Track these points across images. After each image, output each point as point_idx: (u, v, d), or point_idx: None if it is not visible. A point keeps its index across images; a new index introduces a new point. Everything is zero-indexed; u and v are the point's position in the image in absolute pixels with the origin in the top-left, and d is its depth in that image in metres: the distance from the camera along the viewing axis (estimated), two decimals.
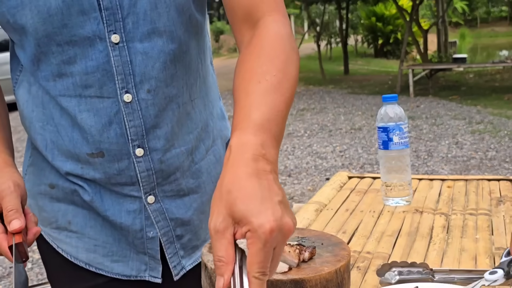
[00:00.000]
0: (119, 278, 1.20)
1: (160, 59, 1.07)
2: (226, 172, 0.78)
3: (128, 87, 1.06)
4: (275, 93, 0.90)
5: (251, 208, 0.73)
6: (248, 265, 0.73)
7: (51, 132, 1.12)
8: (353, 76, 17.25)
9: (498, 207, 1.90)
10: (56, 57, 1.04)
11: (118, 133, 1.09)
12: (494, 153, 7.08)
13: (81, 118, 1.07)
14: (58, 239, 1.20)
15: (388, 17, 25.13)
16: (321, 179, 6.29)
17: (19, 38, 1.06)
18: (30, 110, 1.14)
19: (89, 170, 1.12)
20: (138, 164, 1.12)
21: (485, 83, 14.14)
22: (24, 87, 1.14)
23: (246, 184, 0.75)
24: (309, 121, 9.99)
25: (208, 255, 1.20)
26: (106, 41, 1.03)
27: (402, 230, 1.72)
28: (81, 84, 1.05)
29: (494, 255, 1.54)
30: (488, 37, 36.33)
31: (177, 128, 1.14)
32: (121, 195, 1.14)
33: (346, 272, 1.18)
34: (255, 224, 0.72)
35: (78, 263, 1.19)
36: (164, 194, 1.17)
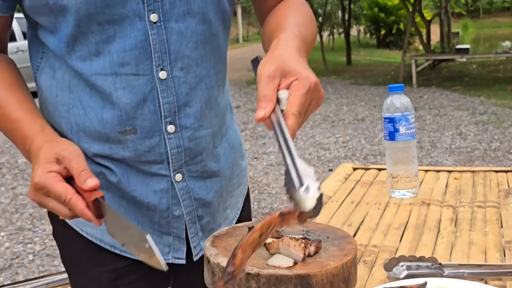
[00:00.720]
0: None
1: (192, 39, 1.13)
2: (275, 49, 0.98)
3: (164, 65, 1.11)
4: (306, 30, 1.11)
5: (300, 66, 0.93)
6: (288, 106, 0.90)
7: (77, 115, 1.14)
8: (356, 67, 17.20)
9: (507, 199, 1.86)
10: (95, 36, 1.08)
11: (151, 110, 1.13)
12: (498, 144, 7.05)
13: (116, 95, 1.10)
14: (81, 222, 1.20)
15: (390, 8, 25.06)
16: (324, 170, 6.26)
17: (54, 20, 1.08)
18: (54, 95, 1.16)
19: (118, 150, 1.15)
20: (169, 141, 1.16)
21: (488, 74, 14.09)
22: (46, 73, 1.16)
23: (294, 55, 0.97)
24: None
25: (211, 249, 1.17)
26: (145, 20, 1.08)
27: (409, 222, 1.69)
28: (118, 62, 1.09)
29: (504, 249, 1.50)
30: (491, 27, 36.26)
31: (206, 110, 1.19)
32: (148, 175, 1.17)
33: (353, 266, 1.15)
34: (303, 75, 0.92)
35: (103, 246, 1.21)
36: (190, 174, 1.21)
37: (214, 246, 1.19)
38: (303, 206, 0.80)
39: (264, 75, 0.92)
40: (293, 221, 0.83)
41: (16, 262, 4.22)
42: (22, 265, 4.16)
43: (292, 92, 0.91)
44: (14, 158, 7.42)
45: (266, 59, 0.96)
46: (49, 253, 4.32)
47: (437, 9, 20.99)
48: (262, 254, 1.14)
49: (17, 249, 4.45)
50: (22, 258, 4.28)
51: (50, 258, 4.24)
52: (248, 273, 1.07)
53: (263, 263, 1.10)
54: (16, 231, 4.84)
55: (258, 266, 1.08)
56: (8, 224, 5.00)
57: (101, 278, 1.23)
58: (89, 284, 1.25)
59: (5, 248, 4.49)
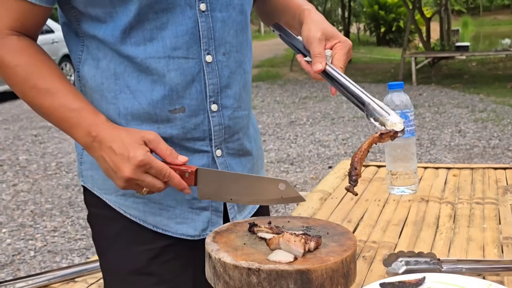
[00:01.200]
0: (184, 238, 1.31)
1: (233, 27, 1.27)
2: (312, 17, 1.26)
3: (210, 49, 1.24)
4: None
5: (337, 32, 1.24)
6: (336, 61, 1.20)
7: (125, 100, 1.23)
8: (356, 65, 17.18)
9: (505, 196, 1.88)
10: (151, 23, 1.19)
11: (198, 90, 1.24)
12: (497, 142, 7.06)
13: (169, 76, 1.21)
14: (125, 205, 1.29)
15: (390, 5, 25.01)
16: (323, 167, 6.27)
17: (110, 10, 1.17)
18: (99, 83, 1.24)
19: (166, 129, 1.24)
20: (212, 119, 1.27)
21: (488, 71, 14.08)
22: (89, 64, 1.24)
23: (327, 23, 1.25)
24: (312, 109, 9.96)
25: (212, 244, 1.18)
26: (195, 9, 1.20)
27: (408, 219, 1.71)
28: (170, 47, 1.20)
29: (502, 245, 1.52)
30: (491, 25, 36.17)
31: (243, 93, 1.32)
32: (191, 151, 1.26)
33: (352, 262, 1.16)
34: (343, 38, 1.23)
35: (147, 226, 1.29)
36: (227, 151, 1.32)
37: (215, 242, 1.20)
38: (397, 127, 1.11)
39: (314, 37, 1.21)
40: (388, 139, 1.12)
41: (17, 258, 4.23)
42: (23, 261, 4.17)
43: (337, 51, 1.21)
44: (15, 155, 7.44)
45: (310, 26, 1.24)
46: (51, 250, 4.34)
47: (437, 6, 20.97)
48: (263, 250, 1.15)
49: (18, 245, 4.47)
50: (24, 254, 4.29)
51: (51, 254, 4.26)
52: (249, 268, 1.08)
53: (264, 258, 1.11)
54: (18, 227, 4.85)
55: (258, 261, 1.09)
56: (10, 221, 5.01)
57: (139, 257, 1.30)
58: (125, 262, 1.31)
59: (7, 245, 4.50)
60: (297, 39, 1.30)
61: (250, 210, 1.41)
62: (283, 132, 8.13)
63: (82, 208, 5.24)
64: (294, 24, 1.34)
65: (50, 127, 9.04)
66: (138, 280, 1.31)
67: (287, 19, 1.37)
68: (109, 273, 1.36)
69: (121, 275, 1.32)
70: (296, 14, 1.32)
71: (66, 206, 5.34)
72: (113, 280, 1.35)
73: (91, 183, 1.32)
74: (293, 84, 13.06)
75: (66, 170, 6.59)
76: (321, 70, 1.19)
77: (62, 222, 4.92)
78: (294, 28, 1.34)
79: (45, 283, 2.19)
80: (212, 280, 1.16)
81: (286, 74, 14.60)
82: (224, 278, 1.12)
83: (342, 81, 1.19)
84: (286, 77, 14.16)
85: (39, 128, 9.11)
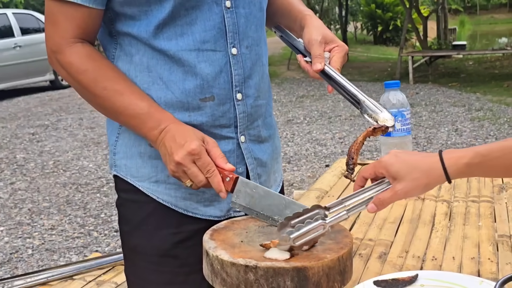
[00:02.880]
0: (211, 219, 1.40)
1: (254, 23, 1.38)
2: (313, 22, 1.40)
3: (235, 43, 1.34)
4: None
5: (335, 37, 1.37)
6: (333, 63, 1.32)
7: (158, 90, 1.33)
8: (353, 63, 17.19)
9: (501, 194, 1.89)
10: (182, 20, 1.29)
11: (225, 80, 1.34)
12: (493, 140, 7.07)
13: (199, 67, 1.31)
14: (157, 191, 1.38)
15: (387, 4, 25.01)
16: (320, 166, 6.28)
17: (146, 9, 1.27)
18: (133, 76, 1.34)
19: (196, 116, 1.34)
20: (238, 107, 1.37)
21: (485, 70, 14.10)
22: (123, 60, 1.34)
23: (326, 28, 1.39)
24: (309, 108, 9.97)
25: (210, 242, 1.19)
26: (222, 5, 1.31)
27: (404, 217, 1.72)
28: (200, 40, 1.30)
29: (497, 242, 1.53)
30: (488, 24, 36.21)
31: (262, 83, 1.42)
32: (218, 138, 1.35)
33: (349, 259, 1.17)
34: (340, 43, 1.36)
35: (177, 209, 1.38)
36: (249, 138, 1.41)
37: (213, 239, 1.21)
38: (388, 123, 1.24)
39: (315, 40, 1.34)
40: (380, 133, 1.24)
41: (15, 256, 4.23)
42: (21, 259, 4.17)
43: (335, 54, 1.34)
44: (12, 154, 7.44)
45: (311, 30, 1.37)
46: (48, 248, 4.34)
47: (434, 5, 21.00)
48: (260, 248, 1.16)
49: (16, 243, 4.47)
50: (21, 252, 4.29)
51: (49, 252, 4.26)
52: (246, 266, 1.09)
53: (261, 255, 1.12)
54: (15, 225, 4.85)
55: (256, 258, 1.11)
56: (7, 219, 5.02)
57: (166, 240, 1.39)
58: (152, 243, 1.40)
59: (5, 243, 4.50)
60: (298, 40, 1.41)
61: None
62: (280, 131, 8.13)
63: (79, 206, 5.25)
64: (295, 27, 1.45)
65: (47, 126, 9.04)
66: (163, 261, 1.40)
67: (288, 23, 1.48)
68: (134, 254, 1.44)
69: (147, 255, 1.41)
70: (298, 19, 1.44)
71: (64, 204, 5.34)
72: (138, 260, 1.44)
73: (125, 171, 1.41)
74: (290, 82, 13.07)
75: (63, 168, 6.59)
76: (320, 70, 1.31)
77: (59, 220, 4.93)
78: (294, 31, 1.46)
79: (43, 281, 2.20)
80: (210, 277, 1.17)
81: (283, 73, 14.61)
82: (222, 275, 1.13)
83: (339, 80, 1.30)
84: (283, 76, 14.17)
85: (36, 126, 9.10)
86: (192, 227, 1.39)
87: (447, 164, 1.10)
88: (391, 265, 1.44)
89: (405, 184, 1.11)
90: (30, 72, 12.78)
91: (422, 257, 1.49)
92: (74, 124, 9.11)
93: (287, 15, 1.49)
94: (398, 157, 1.14)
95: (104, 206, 5.20)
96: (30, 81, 13.01)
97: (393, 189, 1.13)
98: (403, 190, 1.12)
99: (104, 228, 4.66)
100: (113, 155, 1.43)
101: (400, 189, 1.12)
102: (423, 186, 1.11)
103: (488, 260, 1.43)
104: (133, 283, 1.48)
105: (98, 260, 2.32)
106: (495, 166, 1.09)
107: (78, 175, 6.29)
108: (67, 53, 1.29)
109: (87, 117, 9.60)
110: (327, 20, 24.05)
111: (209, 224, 1.37)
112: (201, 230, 1.35)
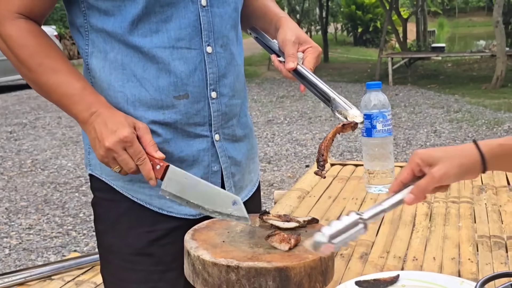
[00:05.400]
0: (186, 218, 1.39)
1: (229, 23, 1.39)
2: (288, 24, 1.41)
3: (210, 41, 1.35)
4: None
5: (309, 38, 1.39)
6: (305, 63, 1.34)
7: (132, 87, 1.33)
8: (333, 64, 17.25)
9: (480, 195, 1.91)
10: (157, 16, 1.29)
11: (200, 78, 1.35)
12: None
13: (174, 65, 1.32)
14: (132, 189, 1.38)
15: (367, 6, 25.12)
16: (300, 166, 6.29)
17: (119, 4, 1.27)
18: (107, 73, 1.34)
19: (170, 114, 1.34)
20: (212, 105, 1.37)
21: (463, 72, 14.23)
22: (96, 57, 1.34)
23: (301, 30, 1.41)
24: (289, 108, 9.98)
25: (191, 242, 1.19)
26: (197, 4, 1.32)
27: (385, 217, 1.72)
28: (174, 38, 1.31)
29: (477, 243, 1.54)
30: (466, 26, 36.54)
31: (236, 83, 1.43)
32: (193, 136, 1.37)
33: (330, 259, 1.17)
34: (314, 45, 1.38)
35: (152, 208, 1.39)
36: (224, 136, 1.42)
37: (194, 239, 1.21)
38: (357, 119, 1.25)
39: (289, 40, 1.35)
40: (349, 129, 1.24)
41: None
42: None
43: (308, 55, 1.35)
44: None
45: (286, 30, 1.38)
46: (26, 247, 4.29)
47: (414, 7, 21.14)
48: (242, 247, 1.16)
49: None
50: None
51: (26, 252, 4.21)
52: (228, 266, 1.09)
53: (243, 255, 1.12)
54: None
55: (237, 258, 1.10)
56: None
57: (140, 238, 1.39)
58: (127, 242, 1.40)
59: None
60: (273, 41, 1.42)
61: (247, 192, 1.51)
62: (260, 131, 8.13)
63: (57, 205, 5.20)
64: (270, 29, 1.47)
65: (25, 124, 8.95)
66: (138, 260, 1.40)
67: (264, 25, 1.50)
68: (109, 253, 1.44)
69: (122, 254, 1.41)
70: (273, 21, 1.46)
71: (42, 203, 5.29)
72: (113, 259, 1.43)
73: (99, 170, 1.41)
74: (270, 83, 13.08)
75: (41, 167, 6.53)
76: (293, 68, 1.33)
77: (37, 219, 4.88)
78: (269, 33, 1.47)
79: (21, 281, 2.17)
80: (191, 278, 1.16)
81: (263, 73, 14.61)
82: (203, 275, 1.12)
83: (311, 79, 1.33)
84: (264, 76, 14.17)
85: (14, 125, 9.01)
86: (167, 225, 1.40)
87: (480, 144, 1.09)
88: (373, 265, 1.45)
89: (441, 165, 1.09)
90: (8, 70, 12.60)
91: (403, 257, 1.49)
92: (52, 123, 9.03)
93: (263, 17, 1.51)
94: (432, 148, 1.13)
95: (83, 205, 5.15)
96: (7, 79, 12.87)
97: (430, 174, 1.09)
98: (439, 172, 1.08)
99: (83, 228, 4.62)
100: (88, 154, 1.43)
101: (436, 171, 1.08)
102: (458, 166, 1.09)
103: (468, 261, 1.44)
104: (109, 283, 1.48)
105: (77, 260, 2.30)
106: None
107: (56, 174, 6.23)
108: (7, 26, 1.27)
109: (66, 116, 9.49)
110: (308, 21, 24.10)
111: (185, 222, 1.38)
112: (177, 228, 1.38)
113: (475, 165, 1.09)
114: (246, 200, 1.49)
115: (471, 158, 1.09)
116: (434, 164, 1.09)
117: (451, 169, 1.09)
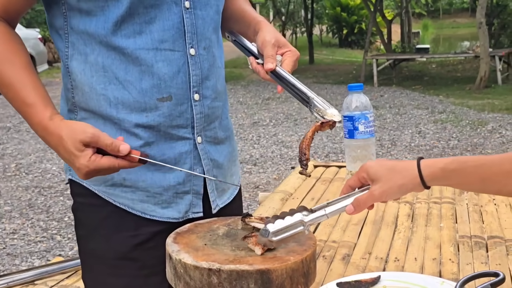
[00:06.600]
0: (170, 221, 1.39)
1: (211, 25, 1.39)
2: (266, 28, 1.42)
3: (193, 43, 1.35)
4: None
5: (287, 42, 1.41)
6: (284, 66, 1.35)
7: (115, 90, 1.32)
8: (318, 66, 17.29)
9: (462, 196, 1.92)
10: (140, 18, 1.29)
11: (183, 80, 1.35)
12: (456, 142, 7.19)
13: (157, 67, 1.32)
14: (114, 194, 1.38)
15: (352, 7, 25.22)
16: (286, 168, 6.30)
17: (102, 4, 1.27)
18: (88, 76, 1.32)
19: (154, 117, 1.34)
20: (195, 107, 1.37)
21: (447, 73, 14.32)
22: (77, 59, 1.33)
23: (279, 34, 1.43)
24: (274, 110, 9.99)
25: (173, 245, 1.19)
26: (181, 6, 1.32)
27: (367, 219, 1.73)
28: (158, 39, 1.31)
29: (458, 243, 1.55)
30: (450, 28, 36.77)
31: (218, 85, 1.43)
32: (175, 139, 1.37)
33: (312, 261, 1.17)
34: (292, 48, 1.40)
35: (135, 212, 1.38)
36: (206, 139, 1.42)
37: (176, 243, 1.20)
38: (335, 118, 1.29)
39: (268, 42, 1.36)
40: (327, 128, 1.28)
41: None
42: None
43: (287, 58, 1.36)
44: None
45: (265, 33, 1.39)
46: (10, 252, 4.26)
47: (398, 9, 21.24)
48: (224, 250, 1.16)
49: None
50: None
51: (10, 257, 4.18)
52: (209, 269, 1.09)
53: (225, 258, 1.12)
54: None
55: (219, 261, 1.10)
56: None
57: (124, 243, 1.38)
58: (110, 247, 1.39)
59: None
60: (251, 44, 1.44)
61: (228, 195, 1.51)
62: (246, 133, 8.14)
63: (42, 210, 5.17)
64: (248, 32, 1.48)
65: (9, 128, 8.88)
66: (122, 264, 1.39)
67: (242, 28, 1.51)
68: (92, 258, 1.43)
69: (105, 259, 1.40)
70: (252, 25, 1.47)
71: (26, 208, 5.25)
72: (95, 264, 1.42)
73: None
74: (256, 85, 13.08)
75: (25, 171, 6.49)
76: (272, 69, 1.34)
77: (21, 224, 4.84)
78: (247, 36, 1.49)
79: (4, 286, 2.16)
80: (173, 281, 1.16)
81: (249, 75, 14.61)
82: (185, 278, 1.12)
83: (290, 79, 1.34)
84: (249, 78, 14.17)
85: None
86: (150, 229, 1.39)
87: (422, 166, 1.11)
88: (355, 266, 1.45)
89: (381, 184, 1.13)
90: None
91: (385, 258, 1.50)
92: None
93: (241, 21, 1.52)
94: (378, 162, 1.16)
95: (68, 209, 5.12)
96: None
97: (370, 191, 1.14)
98: (378, 190, 1.13)
99: (68, 232, 4.59)
100: None
101: (375, 189, 1.13)
102: (398, 186, 1.12)
103: (449, 261, 1.45)
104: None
105: (61, 264, 2.29)
106: (471, 176, 1.08)
107: (40, 178, 6.19)
108: None
109: None
110: (293, 23, 24.15)
111: (168, 226, 1.37)
112: (160, 232, 1.37)
113: (415, 185, 1.12)
114: (228, 202, 1.48)
115: (412, 179, 1.12)
116: (376, 181, 1.14)
117: (390, 189, 1.13)
